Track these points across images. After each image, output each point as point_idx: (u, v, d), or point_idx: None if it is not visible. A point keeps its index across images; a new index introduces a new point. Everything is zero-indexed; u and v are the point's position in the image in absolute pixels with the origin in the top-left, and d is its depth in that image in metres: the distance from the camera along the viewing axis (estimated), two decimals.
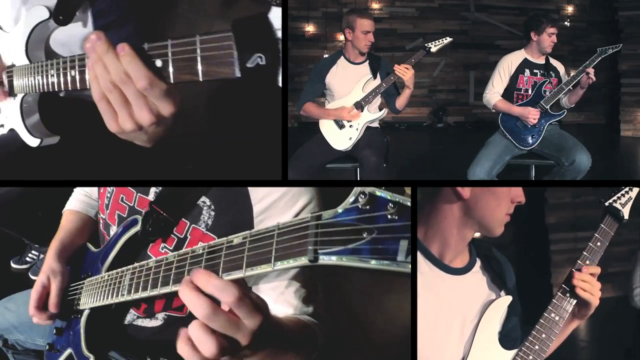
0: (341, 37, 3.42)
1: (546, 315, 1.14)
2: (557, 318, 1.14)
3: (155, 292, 0.88)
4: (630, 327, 1.80)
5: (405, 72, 2.25)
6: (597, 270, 1.15)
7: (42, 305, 1.23)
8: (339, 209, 0.63)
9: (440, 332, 1.12)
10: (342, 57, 2.45)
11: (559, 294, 1.15)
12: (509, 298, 1.17)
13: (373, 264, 0.58)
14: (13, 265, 2.57)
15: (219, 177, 1.20)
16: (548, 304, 1.15)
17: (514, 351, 1.14)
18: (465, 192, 1.12)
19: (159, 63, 0.85)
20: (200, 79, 0.83)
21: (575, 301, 1.14)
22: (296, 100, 2.55)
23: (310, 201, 1.08)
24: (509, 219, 1.15)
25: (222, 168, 1.32)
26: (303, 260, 0.63)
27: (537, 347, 1.13)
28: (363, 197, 0.61)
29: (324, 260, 0.62)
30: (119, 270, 1.05)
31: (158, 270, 0.88)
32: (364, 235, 0.59)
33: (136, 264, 0.98)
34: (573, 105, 2.39)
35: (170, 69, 0.85)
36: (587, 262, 1.15)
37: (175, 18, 1.23)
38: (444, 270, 1.16)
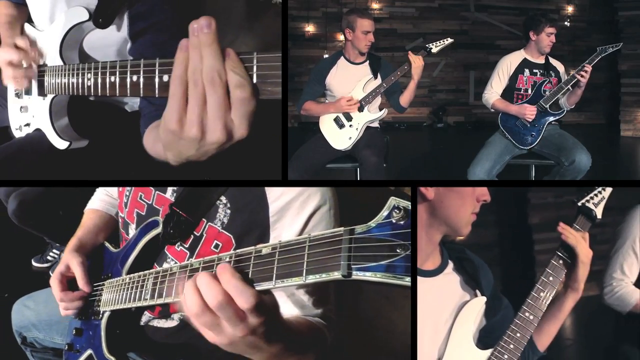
0: (341, 37, 3.42)
1: (520, 314, 1.14)
2: (531, 317, 1.14)
3: (180, 299, 0.84)
4: (611, 325, 1.82)
5: (416, 60, 2.25)
6: (586, 235, 1.15)
7: (68, 287, 1.22)
8: (372, 223, 0.61)
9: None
10: (342, 58, 2.45)
11: (532, 293, 1.15)
12: (483, 299, 1.17)
13: (408, 281, 0.57)
14: (34, 263, 2.59)
15: (219, 177, 1.19)
16: (519, 310, 1.15)
17: (490, 351, 1.14)
18: (430, 192, 1.12)
19: None
20: (280, 97, 0.77)
21: (554, 291, 1.15)
22: (296, 100, 2.55)
23: (324, 202, 1.07)
24: (475, 218, 1.14)
25: (222, 168, 1.32)
26: (336, 275, 0.62)
27: (512, 346, 1.13)
28: (397, 212, 0.60)
29: (357, 275, 0.60)
30: (141, 273, 1.04)
31: (182, 277, 0.85)
32: (398, 251, 0.58)
33: (159, 269, 0.97)
34: (573, 106, 2.39)
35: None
36: (561, 261, 1.16)
37: None
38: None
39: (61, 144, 1.25)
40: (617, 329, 1.79)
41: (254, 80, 0.77)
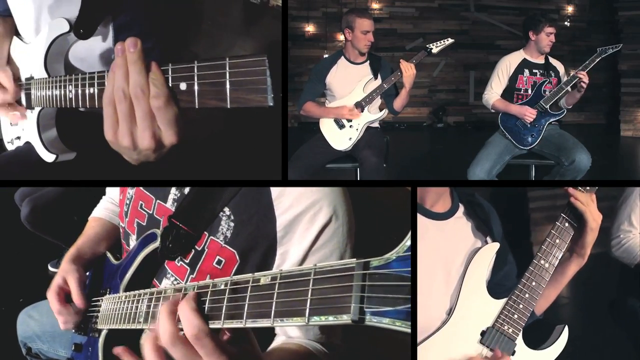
0: (341, 37, 3.42)
1: (535, 262, 1.11)
2: (546, 265, 1.11)
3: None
4: (612, 281, 1.81)
5: (407, 69, 2.25)
6: (593, 196, 1.12)
7: (65, 300, 1.18)
8: (392, 255, 0.50)
9: (424, 283, 1.09)
10: (342, 57, 2.45)
11: (547, 239, 1.12)
12: (496, 245, 1.13)
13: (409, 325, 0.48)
14: (51, 268, 2.59)
15: (218, 177, 1.19)
16: (533, 257, 1.12)
17: (504, 300, 1.11)
18: None
19: (183, 86, 0.80)
20: (228, 106, 0.77)
21: (564, 248, 1.11)
22: (296, 100, 2.54)
23: (336, 218, 0.99)
24: None
25: (222, 168, 1.32)
26: (345, 319, 0.52)
27: (527, 295, 1.10)
28: None
29: (371, 321, 0.50)
30: (136, 293, 0.97)
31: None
32: None
33: (153, 289, 0.91)
34: (570, 107, 2.39)
35: (196, 93, 0.79)
36: (566, 224, 1.13)
37: (198, 34, 1.21)
38: (426, 216, 1.13)
39: (48, 157, 1.23)
40: (623, 283, 1.75)
41: (227, 88, 0.76)
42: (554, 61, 2.44)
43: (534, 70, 2.41)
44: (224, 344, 0.69)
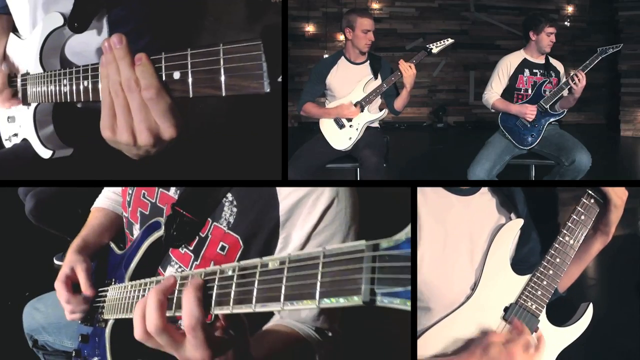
0: (341, 37, 3.43)
1: (560, 239, 1.10)
2: (571, 242, 1.10)
3: (180, 313, 0.77)
4: (639, 262, 1.78)
5: (407, 69, 2.25)
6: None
7: (73, 290, 1.18)
8: (402, 236, 0.50)
9: (449, 258, 1.09)
10: (342, 58, 2.45)
11: (573, 216, 1.10)
12: (520, 221, 1.13)
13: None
14: (56, 262, 2.58)
15: (218, 177, 1.19)
16: (558, 234, 1.10)
17: (528, 276, 1.10)
18: None
19: (177, 75, 0.78)
20: (223, 94, 0.74)
21: (589, 225, 1.10)
22: (296, 100, 2.55)
23: (338, 200, 1.00)
24: None
25: (222, 168, 1.32)
26: (356, 301, 0.52)
27: (551, 272, 1.09)
28: None
29: (382, 302, 0.50)
30: (142, 282, 0.97)
31: (182, 290, 0.77)
32: None
33: (159, 277, 0.92)
34: (564, 110, 2.38)
35: (190, 82, 0.77)
36: (592, 200, 1.11)
37: (199, 30, 1.20)
38: (452, 191, 1.13)
39: (45, 153, 1.22)
40: None
41: (222, 75, 0.74)
42: (554, 61, 2.44)
43: (534, 70, 2.41)
44: (213, 338, 0.71)
